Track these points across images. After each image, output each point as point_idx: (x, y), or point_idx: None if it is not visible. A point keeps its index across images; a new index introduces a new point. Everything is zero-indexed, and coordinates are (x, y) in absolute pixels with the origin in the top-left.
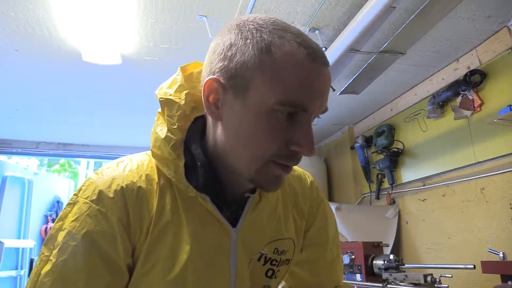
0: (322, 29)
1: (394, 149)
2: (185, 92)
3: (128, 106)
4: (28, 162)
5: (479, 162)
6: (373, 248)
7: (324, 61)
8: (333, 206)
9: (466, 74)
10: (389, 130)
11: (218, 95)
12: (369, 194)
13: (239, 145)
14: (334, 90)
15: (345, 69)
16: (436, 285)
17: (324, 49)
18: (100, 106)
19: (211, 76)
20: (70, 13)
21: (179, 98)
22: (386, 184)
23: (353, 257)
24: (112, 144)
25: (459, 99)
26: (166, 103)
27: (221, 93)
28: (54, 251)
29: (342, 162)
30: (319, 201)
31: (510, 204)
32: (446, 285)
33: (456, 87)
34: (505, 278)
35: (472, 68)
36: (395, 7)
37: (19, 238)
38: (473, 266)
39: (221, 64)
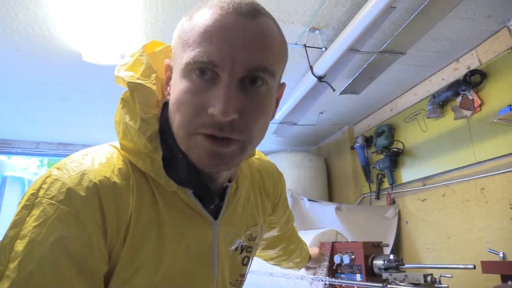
0: (322, 29)
1: (394, 149)
2: (153, 75)
3: None
4: (28, 162)
5: (479, 162)
6: (373, 248)
7: (248, 12)
8: (333, 206)
9: (466, 74)
10: (389, 130)
11: (170, 76)
12: (369, 194)
13: (173, 122)
14: (334, 90)
15: (345, 69)
16: (436, 285)
17: (324, 49)
18: (100, 106)
19: (166, 59)
20: (70, 13)
21: (150, 83)
22: (386, 184)
23: (353, 257)
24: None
25: (459, 99)
26: (137, 88)
27: (170, 73)
28: (12, 265)
29: (342, 162)
30: (279, 176)
31: (510, 204)
32: (446, 285)
33: (456, 87)
34: (505, 278)
35: (472, 68)
36: (395, 7)
37: None
38: (473, 266)
39: (172, 45)
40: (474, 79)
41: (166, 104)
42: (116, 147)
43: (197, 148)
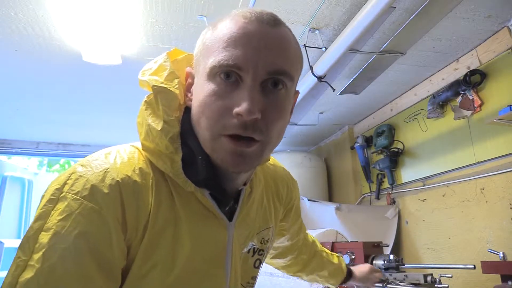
0: (322, 29)
1: (394, 149)
2: (176, 80)
3: (128, 106)
4: (28, 162)
5: (479, 162)
6: (373, 248)
7: (269, 21)
8: (333, 206)
9: (466, 74)
10: (389, 130)
11: (191, 83)
12: (369, 194)
13: (197, 125)
14: (334, 90)
15: (345, 69)
16: (436, 285)
17: (324, 49)
18: (100, 106)
19: (187, 67)
20: (70, 13)
21: (173, 87)
22: (386, 184)
23: (353, 257)
24: (112, 144)
25: (459, 99)
26: (161, 92)
27: (192, 80)
28: (36, 255)
29: (342, 162)
30: (293, 184)
31: (510, 204)
32: (446, 285)
33: (456, 87)
34: (505, 278)
35: (472, 68)
36: (395, 7)
37: (19, 238)
38: (473, 266)
39: (194, 53)
40: (474, 79)
41: (186, 109)
42: (137, 147)
43: (222, 149)
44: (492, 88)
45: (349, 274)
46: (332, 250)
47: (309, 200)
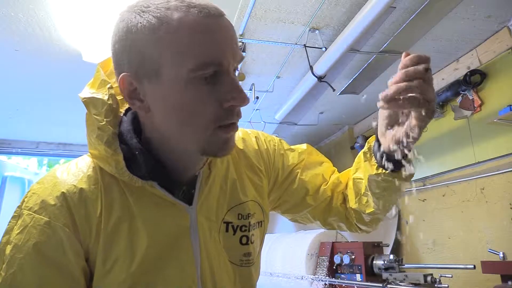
0: (322, 29)
1: None
2: (107, 86)
3: None
4: (28, 162)
5: (479, 162)
6: (373, 248)
7: (218, 13)
8: None
9: (466, 74)
10: None
11: (136, 89)
12: None
13: (176, 127)
14: (334, 90)
15: (345, 69)
16: (436, 285)
17: (324, 49)
18: None
19: (122, 74)
20: (70, 13)
21: (102, 94)
22: None
23: (353, 257)
24: None
25: (459, 99)
26: (90, 102)
27: (137, 86)
28: (3, 265)
29: (342, 162)
30: (271, 151)
31: (510, 204)
32: (446, 285)
33: (456, 87)
34: (505, 278)
35: (472, 68)
36: (395, 7)
37: None
38: (473, 266)
39: (126, 59)
40: (474, 79)
41: (129, 109)
42: (91, 156)
43: (218, 140)
44: (492, 88)
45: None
46: (332, 250)
47: None
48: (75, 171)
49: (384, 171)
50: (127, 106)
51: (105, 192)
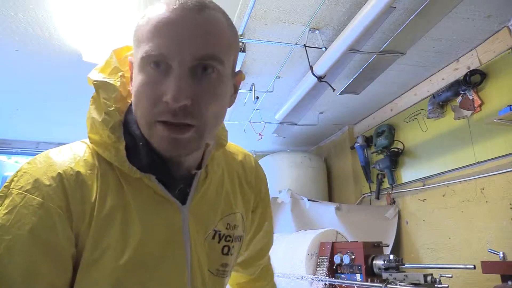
0: (322, 29)
1: (394, 149)
2: (119, 74)
3: None
4: None
5: (479, 162)
6: (373, 248)
7: (196, 6)
8: (333, 206)
9: (466, 74)
10: (389, 130)
11: (132, 73)
12: (369, 194)
13: (135, 114)
14: (334, 90)
15: (345, 69)
16: (436, 285)
17: (324, 49)
18: None
19: (129, 58)
20: (70, 13)
21: (114, 80)
22: (386, 184)
23: (353, 257)
24: None
25: (459, 99)
26: (101, 86)
27: (132, 70)
28: None
29: (342, 162)
30: (262, 173)
31: (510, 204)
32: (446, 285)
33: (456, 87)
34: (505, 278)
35: (472, 68)
36: (395, 7)
37: None
38: (473, 266)
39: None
40: (474, 79)
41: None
42: (86, 142)
43: (157, 136)
44: (492, 88)
45: None
46: (332, 250)
47: (309, 200)
48: (71, 154)
49: None
50: None
51: (102, 178)
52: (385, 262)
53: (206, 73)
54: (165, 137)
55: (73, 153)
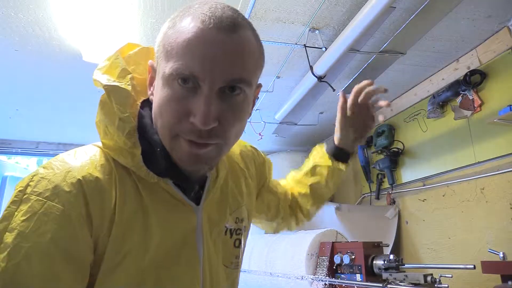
0: (322, 29)
1: (394, 149)
2: (128, 76)
3: None
4: (28, 162)
5: (479, 162)
6: (373, 248)
7: (230, 28)
8: (333, 206)
9: (466, 74)
10: (389, 130)
11: (153, 77)
12: (369, 194)
13: (156, 122)
14: (334, 90)
15: (345, 69)
16: (436, 285)
17: (324, 49)
18: None
19: (149, 61)
20: (70, 13)
21: (125, 84)
22: (386, 184)
23: (353, 257)
24: None
25: (459, 99)
26: (112, 91)
27: (153, 74)
28: (1, 255)
29: None
30: (262, 160)
31: (510, 204)
32: (446, 285)
33: (456, 87)
34: (505, 278)
35: (472, 68)
36: (395, 7)
37: None
38: (473, 266)
39: (155, 49)
40: (474, 79)
41: (145, 101)
42: (99, 146)
43: (179, 149)
44: (492, 88)
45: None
46: (332, 250)
47: None
48: (87, 159)
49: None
50: (142, 99)
51: (119, 183)
52: (385, 262)
53: (233, 94)
54: (186, 152)
55: (89, 157)
